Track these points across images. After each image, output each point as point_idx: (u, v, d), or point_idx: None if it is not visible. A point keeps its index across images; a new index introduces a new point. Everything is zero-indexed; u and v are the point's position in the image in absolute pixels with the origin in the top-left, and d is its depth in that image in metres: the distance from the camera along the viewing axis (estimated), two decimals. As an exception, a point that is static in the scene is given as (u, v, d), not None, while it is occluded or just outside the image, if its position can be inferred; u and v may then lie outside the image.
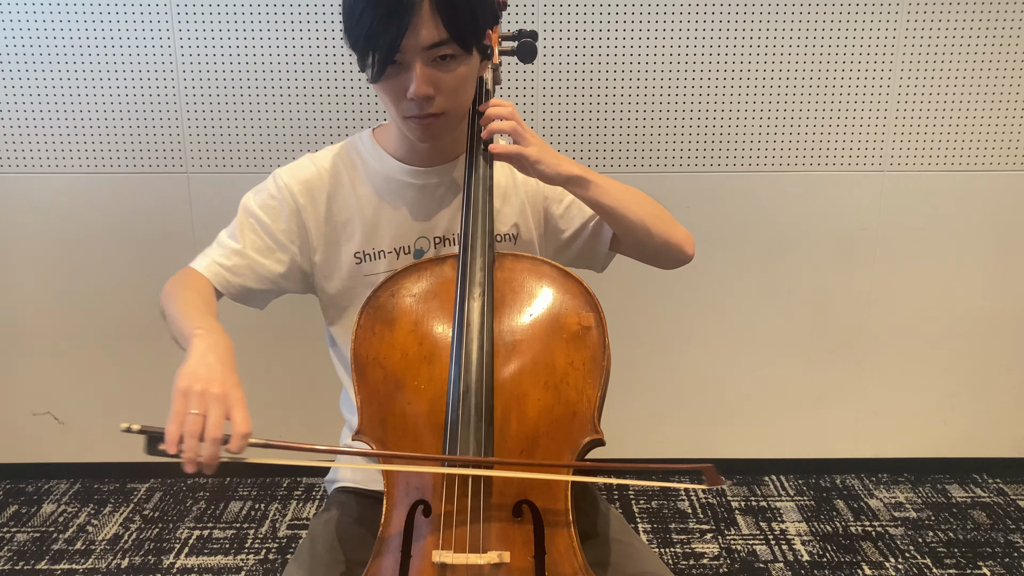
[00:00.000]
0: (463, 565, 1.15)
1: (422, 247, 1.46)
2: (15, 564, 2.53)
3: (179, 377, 1.10)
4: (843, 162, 2.74)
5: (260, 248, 1.42)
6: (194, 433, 1.05)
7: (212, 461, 1.06)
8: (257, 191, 1.45)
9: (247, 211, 1.43)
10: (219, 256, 1.41)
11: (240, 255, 1.41)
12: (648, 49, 2.63)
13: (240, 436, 1.07)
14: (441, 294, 1.32)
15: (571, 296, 1.32)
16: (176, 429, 1.06)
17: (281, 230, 1.43)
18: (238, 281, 1.42)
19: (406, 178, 1.44)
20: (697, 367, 2.93)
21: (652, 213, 1.41)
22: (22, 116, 2.66)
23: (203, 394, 1.08)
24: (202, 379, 1.10)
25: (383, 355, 1.28)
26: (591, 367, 1.26)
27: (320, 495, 2.90)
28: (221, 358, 1.14)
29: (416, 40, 1.22)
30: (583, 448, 1.23)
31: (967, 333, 2.89)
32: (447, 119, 1.33)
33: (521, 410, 1.23)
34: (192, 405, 1.07)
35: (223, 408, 1.08)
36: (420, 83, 1.25)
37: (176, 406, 1.07)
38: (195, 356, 1.14)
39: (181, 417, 1.06)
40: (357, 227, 1.44)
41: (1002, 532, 2.69)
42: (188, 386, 1.09)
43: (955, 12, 2.61)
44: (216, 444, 1.06)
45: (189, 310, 1.27)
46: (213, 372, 1.11)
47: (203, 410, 1.07)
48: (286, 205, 1.42)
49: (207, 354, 1.14)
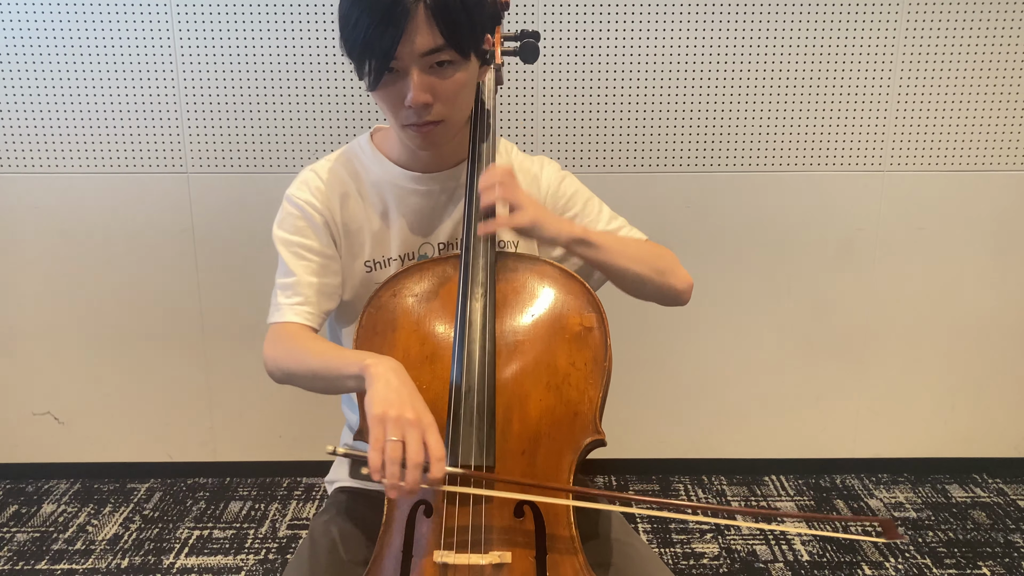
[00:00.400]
0: (464, 565, 1.15)
1: (426, 253, 1.46)
2: (15, 564, 2.53)
3: (373, 404, 1.13)
4: (843, 162, 2.74)
5: (314, 270, 1.41)
6: (395, 460, 1.09)
7: (414, 487, 1.09)
8: (281, 222, 1.44)
9: (284, 242, 1.42)
10: (286, 299, 1.40)
11: (303, 285, 1.40)
12: (648, 49, 2.63)
13: (437, 460, 1.10)
14: (443, 294, 1.32)
15: (573, 296, 1.32)
16: (378, 457, 1.09)
17: (323, 244, 1.42)
18: (320, 310, 1.41)
19: (409, 184, 1.43)
20: (697, 367, 2.92)
21: (652, 267, 1.41)
22: (22, 116, 2.66)
23: (399, 420, 1.11)
24: (395, 404, 1.12)
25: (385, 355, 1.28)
26: (593, 368, 1.27)
27: (320, 495, 2.90)
28: (404, 381, 1.16)
29: (412, 47, 1.21)
30: (585, 448, 1.23)
31: (967, 333, 2.89)
32: (446, 127, 1.32)
33: (523, 410, 1.23)
34: (390, 432, 1.10)
35: (419, 433, 1.11)
36: (417, 91, 1.24)
37: (375, 433, 1.11)
38: (381, 383, 1.15)
39: (381, 444, 1.10)
40: (367, 236, 1.44)
41: (1002, 532, 2.69)
42: (383, 412, 1.11)
43: (955, 12, 2.62)
44: (418, 470, 1.09)
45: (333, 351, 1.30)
46: (403, 397, 1.13)
47: (400, 436, 1.10)
48: (312, 219, 1.42)
49: (391, 378, 1.16)
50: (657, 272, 1.42)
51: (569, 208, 1.50)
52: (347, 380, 1.22)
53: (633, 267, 1.39)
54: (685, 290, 1.46)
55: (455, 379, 1.23)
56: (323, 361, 1.27)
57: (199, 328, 2.84)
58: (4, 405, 2.92)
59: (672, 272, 1.44)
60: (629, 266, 1.38)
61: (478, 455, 1.18)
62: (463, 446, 1.19)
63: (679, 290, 1.45)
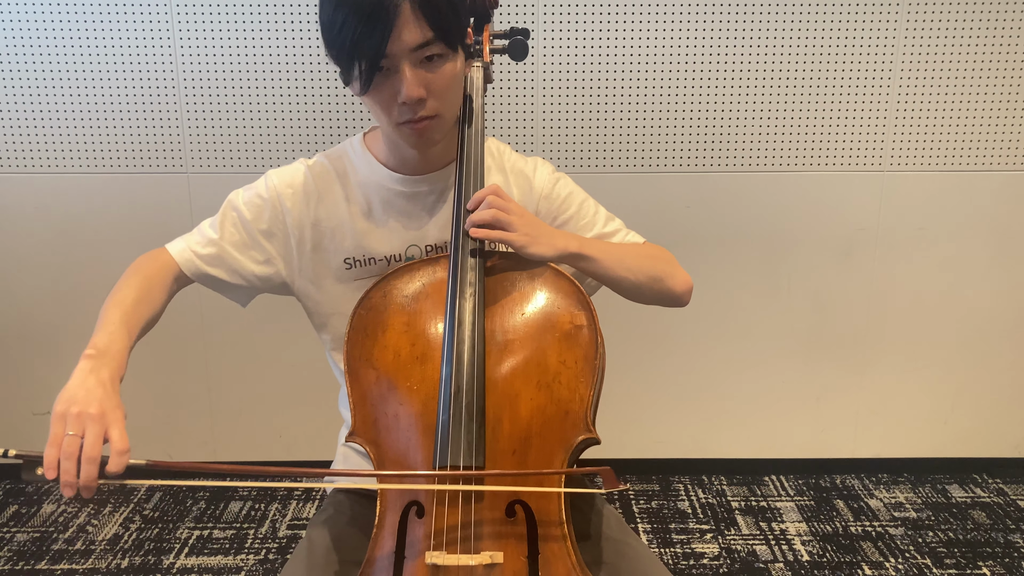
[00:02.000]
0: (456, 566, 1.15)
1: (413, 255, 1.46)
2: (15, 564, 2.53)
3: (57, 401, 1.09)
4: (843, 162, 2.74)
5: (236, 243, 1.42)
6: (70, 455, 1.04)
7: (90, 483, 1.05)
8: (247, 188, 1.46)
9: (232, 205, 1.43)
10: (195, 244, 1.41)
11: (216, 245, 1.41)
12: (648, 49, 2.63)
13: (117, 454, 1.07)
14: (433, 294, 1.32)
15: (563, 295, 1.32)
16: (55, 452, 1.05)
17: (260, 229, 1.42)
18: (209, 271, 1.41)
19: (397, 186, 1.43)
20: (697, 367, 2.92)
21: (649, 274, 1.41)
22: (22, 116, 2.67)
23: (80, 415, 1.07)
24: (80, 401, 1.09)
25: (375, 356, 1.28)
26: (583, 366, 1.26)
27: (320, 495, 2.91)
28: (102, 380, 1.13)
29: (401, 43, 1.21)
30: (577, 447, 1.23)
31: (967, 333, 2.89)
32: (440, 121, 1.31)
33: (513, 409, 1.23)
34: (69, 427, 1.06)
35: (100, 428, 1.07)
36: (411, 86, 1.24)
37: (54, 429, 1.06)
38: (76, 379, 1.13)
39: (59, 439, 1.05)
40: (347, 233, 1.44)
41: (1002, 532, 2.68)
42: (65, 409, 1.08)
43: (955, 12, 2.61)
44: (93, 464, 1.05)
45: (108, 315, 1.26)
46: (92, 394, 1.10)
47: (79, 431, 1.06)
48: (270, 206, 1.42)
49: (88, 377, 1.13)
50: (654, 279, 1.42)
51: (563, 211, 1.49)
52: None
53: (629, 276, 1.39)
54: (684, 293, 1.46)
55: (445, 379, 1.23)
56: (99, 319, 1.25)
57: (199, 328, 2.84)
58: (4, 405, 2.92)
59: (671, 276, 1.44)
60: (625, 276, 1.39)
61: (468, 455, 1.18)
62: (453, 446, 1.19)
63: (678, 293, 1.45)
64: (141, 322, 1.30)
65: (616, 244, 1.46)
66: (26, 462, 1.07)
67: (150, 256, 1.41)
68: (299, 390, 2.89)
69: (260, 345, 2.85)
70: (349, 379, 1.29)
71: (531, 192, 1.48)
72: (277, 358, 2.88)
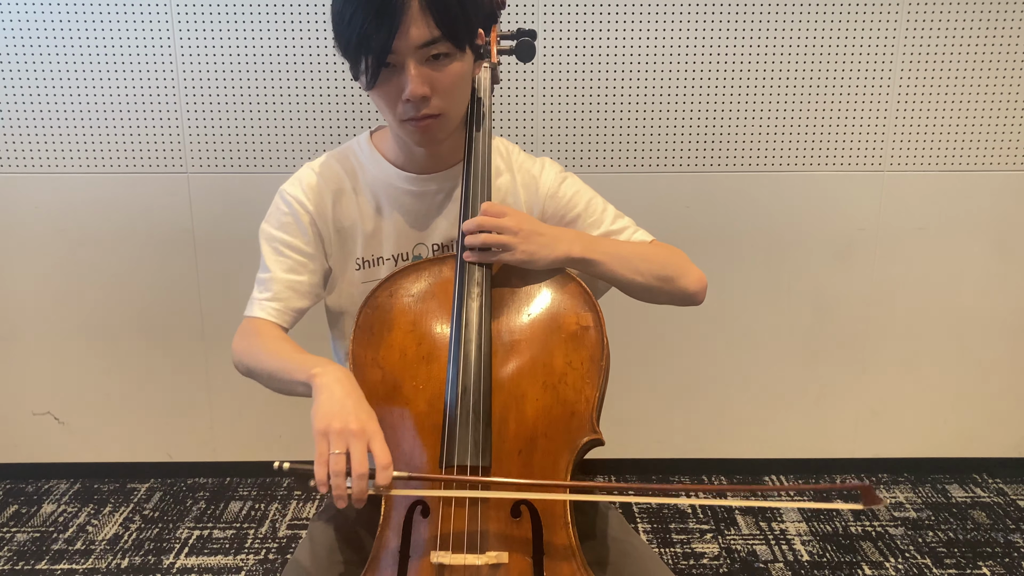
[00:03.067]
0: (461, 566, 1.15)
1: (420, 253, 1.46)
2: (15, 564, 2.53)
3: (316, 419, 1.13)
4: (843, 162, 2.74)
5: (290, 267, 1.42)
6: (340, 472, 1.09)
7: (361, 496, 1.10)
8: (269, 216, 1.45)
9: (268, 237, 1.44)
10: (261, 295, 1.42)
11: (275, 281, 1.41)
12: (648, 49, 2.63)
13: (383, 468, 1.11)
14: (440, 294, 1.32)
15: (569, 296, 1.32)
16: (323, 471, 1.09)
17: (304, 242, 1.43)
18: (289, 307, 1.42)
19: (404, 185, 1.43)
20: (697, 367, 2.92)
21: (659, 275, 1.41)
22: (22, 116, 2.66)
23: (342, 432, 1.11)
24: (338, 416, 1.12)
25: (381, 355, 1.28)
26: (589, 367, 1.26)
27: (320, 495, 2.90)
28: (349, 392, 1.17)
29: (408, 39, 1.21)
30: (582, 448, 1.23)
31: (967, 333, 2.89)
32: (445, 120, 1.31)
33: (519, 410, 1.23)
34: (334, 445, 1.10)
35: (363, 443, 1.11)
36: (415, 83, 1.24)
37: (319, 447, 1.11)
38: (324, 395, 1.16)
39: (325, 458, 1.10)
40: (359, 233, 1.44)
41: (1002, 532, 2.68)
42: (327, 426, 1.12)
43: (955, 12, 2.61)
44: (363, 480, 1.10)
45: (287, 355, 1.29)
46: (346, 408, 1.14)
47: (344, 448, 1.10)
48: (300, 217, 1.42)
49: (335, 390, 1.16)
50: (664, 279, 1.41)
51: (570, 210, 1.48)
52: (297, 386, 1.24)
53: (638, 278, 1.39)
54: (699, 291, 1.45)
55: (451, 379, 1.23)
56: (278, 363, 1.28)
57: (199, 328, 2.84)
58: (4, 405, 2.92)
59: (683, 275, 1.43)
60: (634, 277, 1.38)
61: (474, 456, 1.18)
62: (459, 447, 1.19)
63: (691, 292, 1.45)
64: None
65: (624, 244, 1.45)
66: (298, 477, 1.12)
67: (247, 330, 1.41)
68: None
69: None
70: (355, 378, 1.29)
71: (537, 192, 1.48)
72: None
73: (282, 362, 1.28)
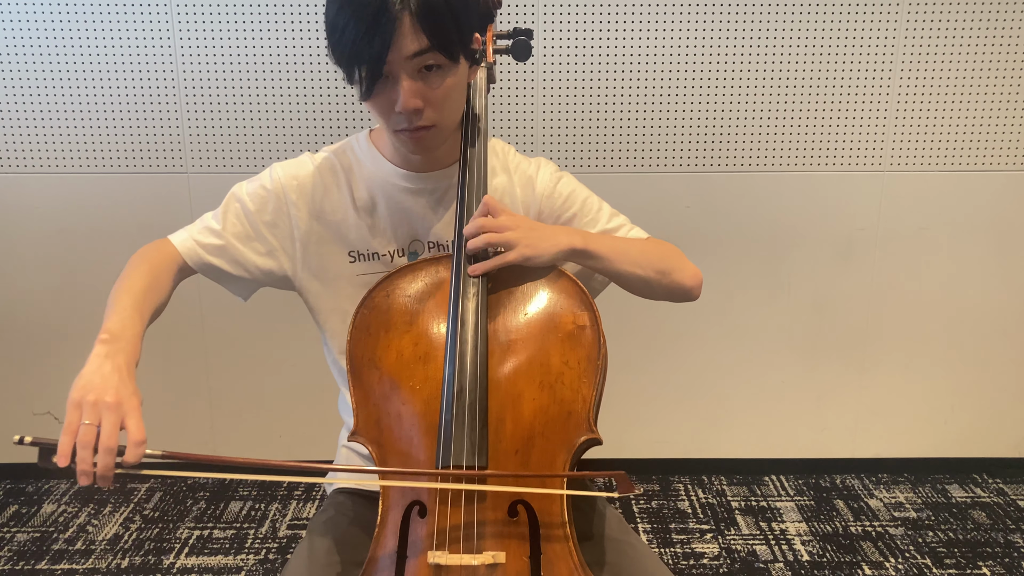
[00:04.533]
0: (458, 566, 1.15)
1: (416, 250, 1.46)
2: (15, 564, 2.53)
3: (73, 388, 1.08)
4: (843, 162, 2.74)
5: (239, 234, 1.42)
6: (87, 444, 1.03)
7: (107, 472, 1.04)
8: (250, 180, 1.45)
9: (235, 196, 1.43)
10: (198, 234, 1.41)
11: (219, 236, 1.41)
12: (648, 49, 2.63)
13: (134, 444, 1.05)
14: (436, 294, 1.32)
15: (566, 295, 1.32)
16: (69, 441, 1.03)
17: (264, 221, 1.42)
18: (212, 260, 1.41)
19: (401, 182, 1.44)
20: (697, 367, 2.92)
21: (656, 269, 1.41)
22: (22, 116, 2.67)
23: (96, 404, 1.06)
24: (96, 389, 1.07)
25: (378, 356, 1.28)
26: (586, 366, 1.26)
27: (320, 495, 2.90)
28: (118, 366, 1.12)
29: (399, 51, 1.21)
30: (579, 448, 1.23)
31: (967, 333, 2.89)
32: (438, 131, 1.32)
33: (516, 410, 1.23)
34: (85, 416, 1.05)
35: (117, 417, 1.06)
36: (407, 96, 1.24)
37: (69, 417, 1.05)
38: (91, 365, 1.11)
39: (74, 428, 1.04)
40: (351, 227, 1.44)
41: (1002, 532, 2.68)
42: (81, 397, 1.06)
43: (955, 12, 2.61)
44: (110, 454, 1.04)
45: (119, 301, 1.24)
46: (108, 381, 1.08)
47: (95, 420, 1.05)
48: (274, 198, 1.42)
49: (103, 363, 1.11)
50: (662, 272, 1.41)
51: (567, 208, 1.49)
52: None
53: (636, 271, 1.39)
54: (694, 286, 1.46)
55: (448, 379, 1.23)
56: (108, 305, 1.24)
57: (199, 328, 2.84)
58: (4, 405, 2.92)
59: (679, 269, 1.44)
60: (632, 270, 1.39)
61: (471, 456, 1.18)
62: (456, 446, 1.18)
63: (688, 287, 1.45)
64: (151, 308, 1.29)
65: (621, 238, 1.45)
66: (42, 449, 1.05)
67: (153, 246, 1.41)
68: (299, 390, 2.89)
69: (260, 345, 2.85)
70: (351, 378, 1.28)
71: (534, 192, 1.48)
72: (277, 358, 2.88)
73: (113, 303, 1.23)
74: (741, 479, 3.00)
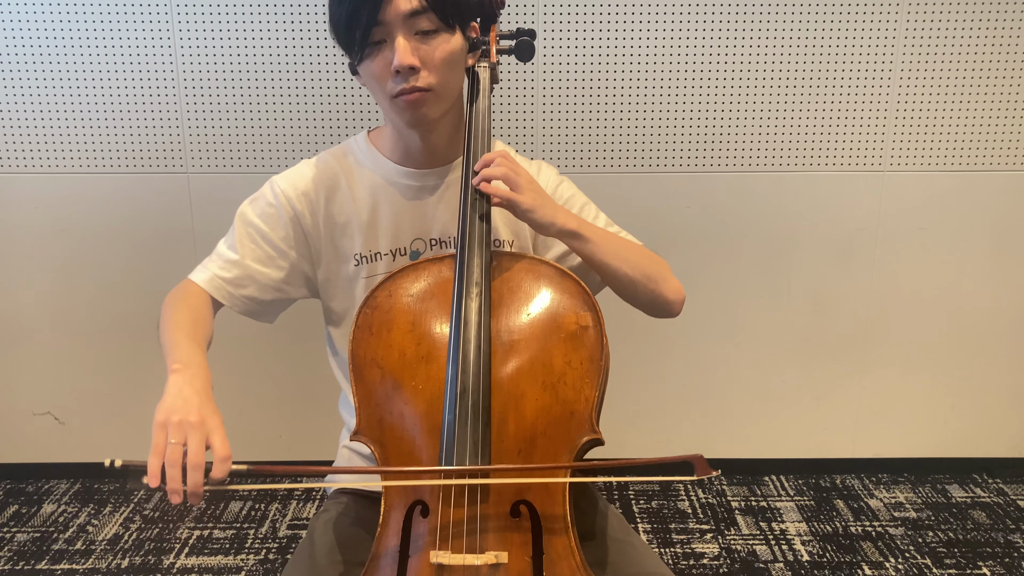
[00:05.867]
0: (460, 566, 1.15)
1: (418, 248, 1.46)
2: (15, 564, 2.53)
3: (157, 412, 1.11)
4: (843, 162, 2.74)
5: (260, 258, 1.43)
6: (175, 463, 1.06)
7: (196, 489, 1.07)
8: (253, 200, 1.46)
9: (245, 221, 1.44)
10: (219, 269, 1.42)
11: (240, 266, 1.42)
12: (648, 49, 2.63)
13: (221, 460, 1.08)
14: (439, 294, 1.32)
15: (569, 296, 1.32)
16: (157, 462, 1.06)
17: (280, 237, 1.43)
18: (242, 293, 1.43)
19: (402, 180, 1.44)
20: (697, 367, 2.92)
21: (644, 272, 1.40)
22: (22, 116, 2.66)
23: (181, 424, 1.09)
24: (179, 410, 1.11)
25: (381, 355, 1.28)
26: (589, 367, 1.26)
27: (320, 495, 2.90)
28: (198, 391, 1.16)
29: (394, 9, 1.25)
30: (581, 448, 1.23)
31: (967, 333, 2.89)
32: (435, 96, 1.33)
33: (519, 410, 1.23)
34: (171, 436, 1.08)
35: (202, 436, 1.09)
36: (403, 52, 1.26)
37: (156, 439, 1.08)
38: (172, 391, 1.15)
39: (161, 449, 1.07)
40: (356, 229, 1.45)
41: (1002, 532, 2.68)
42: (166, 418, 1.10)
43: (955, 12, 2.61)
44: (198, 471, 1.07)
45: (175, 337, 1.28)
46: (190, 403, 1.12)
47: (182, 439, 1.08)
48: (284, 212, 1.43)
49: (183, 388, 1.15)
50: (649, 278, 1.41)
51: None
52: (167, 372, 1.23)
53: (625, 268, 1.39)
54: (676, 301, 1.45)
55: (451, 379, 1.23)
56: (166, 342, 1.28)
57: (199, 328, 2.83)
58: (4, 405, 2.92)
59: (665, 280, 1.43)
60: (621, 267, 1.38)
61: (474, 456, 1.18)
62: (459, 447, 1.18)
63: (670, 300, 1.44)
64: (204, 339, 1.34)
65: (615, 235, 1.46)
66: (131, 472, 1.08)
67: (180, 289, 1.42)
68: (299, 390, 2.89)
69: (260, 345, 2.85)
70: (354, 377, 1.28)
71: None
72: (277, 358, 2.88)
73: (171, 338, 1.28)
74: (741, 479, 3.00)
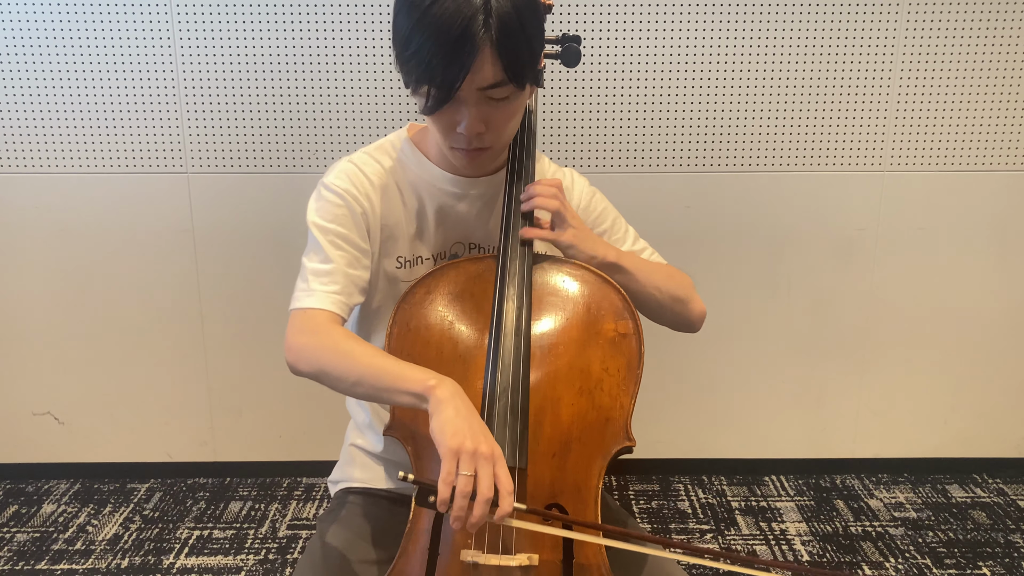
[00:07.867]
0: (494, 566, 1.15)
1: (457, 252, 1.46)
2: (15, 564, 2.52)
3: (447, 435, 1.10)
4: (843, 162, 2.74)
5: (351, 261, 1.36)
6: (465, 494, 1.08)
7: (479, 521, 1.08)
8: (318, 209, 1.38)
9: (323, 229, 1.36)
10: (322, 285, 1.33)
11: (341, 274, 1.34)
12: (648, 49, 2.64)
13: (507, 494, 1.10)
14: (478, 294, 1.32)
15: (609, 302, 1.32)
16: (447, 491, 1.08)
17: (360, 236, 1.38)
18: (351, 302, 1.36)
19: (448, 187, 1.43)
20: (696, 367, 2.93)
21: (672, 295, 1.47)
22: (22, 116, 2.66)
23: (473, 454, 1.09)
24: (469, 437, 1.10)
25: (417, 353, 1.28)
26: (626, 374, 1.27)
27: (320, 495, 2.90)
28: (470, 407, 1.15)
29: (474, 82, 1.20)
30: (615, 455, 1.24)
31: (967, 333, 2.90)
32: (493, 152, 1.33)
33: (555, 413, 1.23)
34: (463, 466, 1.09)
35: (492, 468, 1.10)
36: (473, 121, 1.24)
37: (447, 465, 1.09)
38: (450, 409, 1.13)
39: (452, 478, 1.09)
40: (403, 232, 1.44)
41: (1002, 532, 2.69)
42: (459, 445, 1.09)
43: (955, 12, 2.62)
44: (486, 505, 1.08)
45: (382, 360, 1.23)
46: (474, 428, 1.12)
47: (473, 471, 1.09)
48: (353, 210, 1.37)
49: (459, 405, 1.14)
50: (676, 300, 1.48)
51: (599, 224, 1.53)
52: (402, 396, 1.18)
53: (657, 295, 1.44)
54: (698, 320, 1.55)
55: (489, 379, 1.23)
56: (374, 369, 1.21)
57: (199, 328, 2.83)
58: (4, 405, 2.91)
59: (691, 300, 1.51)
60: (654, 294, 1.43)
61: (511, 456, 1.19)
62: None
63: (693, 319, 1.54)
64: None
65: (647, 261, 1.50)
66: (421, 490, 1.11)
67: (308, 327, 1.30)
68: (299, 390, 2.88)
69: (260, 345, 2.85)
70: None
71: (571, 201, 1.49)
72: (277, 358, 2.86)
73: (381, 368, 1.21)
74: (741, 479, 3.00)
